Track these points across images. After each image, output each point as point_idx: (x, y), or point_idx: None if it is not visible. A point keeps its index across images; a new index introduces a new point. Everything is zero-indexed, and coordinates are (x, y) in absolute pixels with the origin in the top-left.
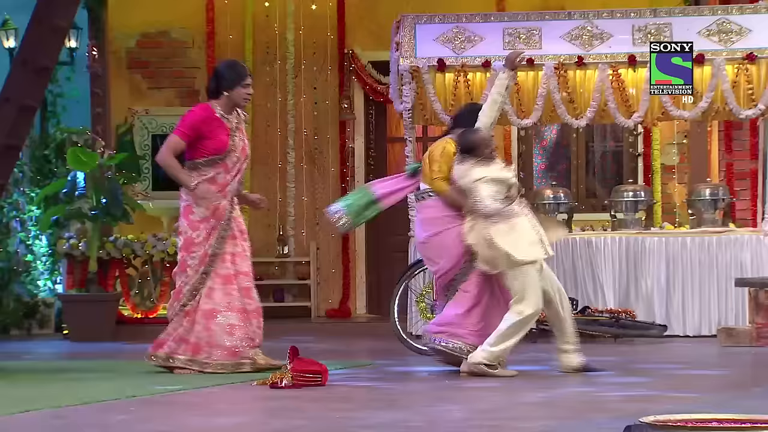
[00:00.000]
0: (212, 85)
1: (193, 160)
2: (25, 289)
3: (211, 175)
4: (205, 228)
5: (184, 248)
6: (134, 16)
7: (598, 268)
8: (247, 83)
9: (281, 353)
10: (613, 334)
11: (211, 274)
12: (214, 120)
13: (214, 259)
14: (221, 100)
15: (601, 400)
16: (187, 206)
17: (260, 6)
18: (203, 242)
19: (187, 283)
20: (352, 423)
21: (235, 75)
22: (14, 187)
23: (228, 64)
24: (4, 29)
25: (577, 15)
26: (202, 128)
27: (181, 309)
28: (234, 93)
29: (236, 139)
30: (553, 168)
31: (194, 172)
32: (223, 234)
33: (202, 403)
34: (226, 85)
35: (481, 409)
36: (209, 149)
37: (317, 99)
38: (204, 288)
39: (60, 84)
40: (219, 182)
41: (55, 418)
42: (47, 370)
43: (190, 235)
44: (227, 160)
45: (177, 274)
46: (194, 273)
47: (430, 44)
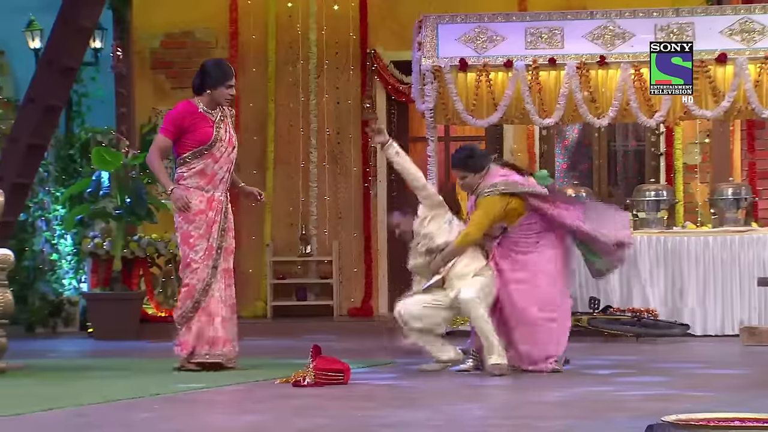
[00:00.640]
0: (197, 81)
1: (180, 155)
2: (50, 288)
3: (200, 167)
4: (201, 220)
5: (183, 242)
6: (158, 16)
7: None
8: (231, 84)
9: (304, 352)
10: (635, 334)
11: (219, 269)
12: (197, 114)
13: (219, 252)
14: (204, 96)
15: (620, 399)
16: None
17: (283, 6)
18: (205, 235)
19: (200, 280)
20: (374, 421)
21: (220, 74)
22: (39, 186)
23: (215, 63)
24: (29, 30)
25: (599, 14)
26: (185, 122)
27: (194, 306)
28: (216, 92)
29: (221, 131)
30: (575, 167)
31: (183, 167)
32: (224, 226)
33: (225, 402)
34: (210, 83)
35: (501, 407)
36: (194, 141)
37: (339, 99)
38: (215, 282)
39: (85, 84)
40: (208, 174)
41: (78, 417)
42: (71, 368)
43: (186, 229)
44: (214, 151)
45: (182, 270)
46: (204, 268)
47: (452, 44)
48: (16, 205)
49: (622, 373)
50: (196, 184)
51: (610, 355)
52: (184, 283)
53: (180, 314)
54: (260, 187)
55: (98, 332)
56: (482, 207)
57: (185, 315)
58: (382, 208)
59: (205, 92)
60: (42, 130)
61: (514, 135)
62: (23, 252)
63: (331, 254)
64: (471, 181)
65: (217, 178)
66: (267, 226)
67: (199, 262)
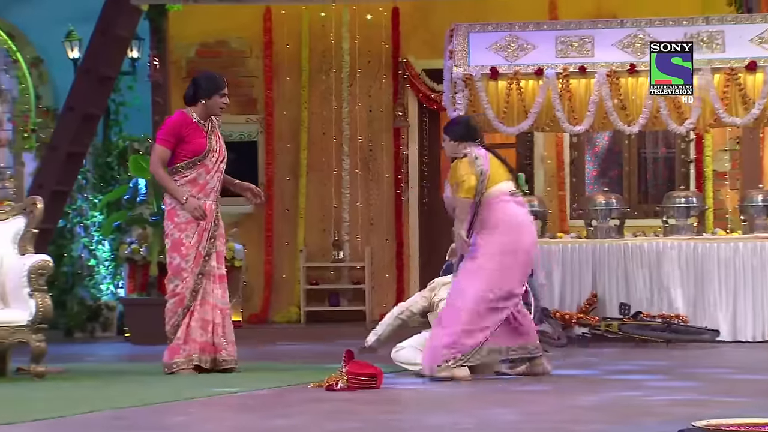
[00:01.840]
0: (189, 92)
1: (173, 165)
2: (88, 293)
3: (192, 176)
4: (192, 229)
5: (172, 249)
6: (194, 26)
7: (649, 273)
8: (224, 93)
9: (337, 357)
10: (665, 339)
11: (207, 274)
12: (191, 124)
13: (207, 259)
14: (197, 107)
15: (650, 404)
16: (171, 209)
17: (316, 16)
18: (195, 244)
19: (187, 287)
20: (406, 425)
21: (212, 85)
22: (78, 193)
23: (206, 75)
24: (68, 40)
25: (630, 23)
26: (182, 132)
27: (184, 312)
28: (210, 102)
29: (213, 141)
30: (605, 174)
31: (175, 176)
32: (213, 233)
33: (258, 405)
34: (204, 94)
35: (532, 411)
36: (188, 152)
37: (372, 107)
38: (201, 287)
39: (122, 93)
40: (200, 183)
41: (115, 419)
42: (109, 371)
43: (178, 237)
44: (206, 161)
45: (170, 279)
46: (191, 275)
47: (484, 52)
48: (56, 211)
49: (652, 378)
50: (187, 193)
51: (640, 360)
52: (173, 292)
53: (173, 323)
54: (293, 193)
55: (135, 337)
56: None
57: (177, 323)
58: (413, 214)
59: (199, 102)
60: (81, 138)
61: (545, 142)
62: (62, 258)
63: (363, 260)
64: (447, 146)
65: (208, 187)
66: (300, 232)
67: (188, 270)
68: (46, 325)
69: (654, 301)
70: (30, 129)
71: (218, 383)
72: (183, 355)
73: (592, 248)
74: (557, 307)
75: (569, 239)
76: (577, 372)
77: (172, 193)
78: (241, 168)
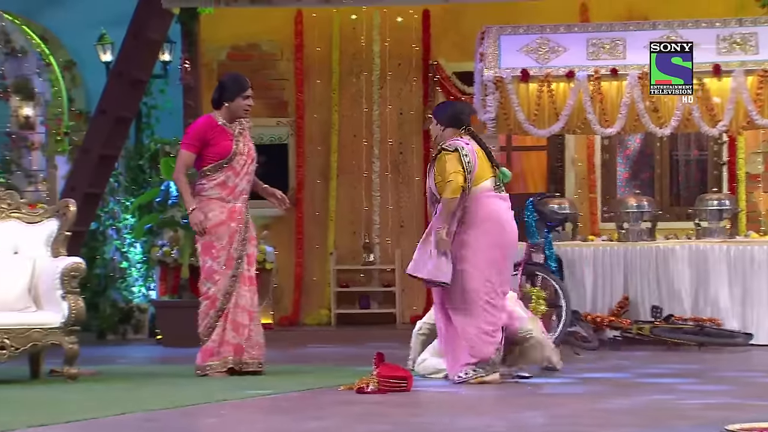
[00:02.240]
0: (215, 95)
1: (201, 168)
2: (120, 295)
3: (221, 180)
4: (224, 231)
5: (204, 253)
6: (225, 29)
7: (682, 276)
8: (248, 95)
9: (367, 359)
10: (697, 342)
11: (239, 276)
12: (216, 127)
13: (240, 261)
14: (222, 110)
15: (682, 407)
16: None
17: (347, 18)
18: (226, 246)
19: (220, 289)
20: (436, 428)
21: (236, 87)
22: (110, 196)
23: (231, 77)
24: (101, 43)
25: (662, 25)
26: (207, 136)
27: (218, 314)
28: (234, 104)
29: (240, 144)
30: (637, 176)
31: (203, 179)
32: (245, 236)
33: (290, 408)
34: (227, 96)
35: (562, 415)
36: (214, 155)
37: (402, 109)
38: (235, 290)
39: (154, 96)
40: (229, 185)
41: (147, 421)
42: (141, 374)
43: (209, 240)
44: (234, 164)
45: (202, 282)
46: (224, 278)
47: (514, 55)
48: (88, 214)
49: (684, 381)
50: (217, 195)
51: (672, 363)
52: (206, 294)
53: (205, 325)
54: (324, 196)
55: (167, 339)
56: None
57: (210, 325)
58: None
59: (223, 106)
60: (113, 140)
61: (576, 144)
62: (94, 260)
63: (393, 262)
64: (433, 129)
65: (237, 189)
66: (330, 235)
67: (220, 272)
68: (79, 328)
69: (686, 304)
70: (63, 132)
71: (250, 385)
72: (217, 358)
73: (624, 251)
74: (589, 310)
75: (600, 242)
76: (608, 375)
77: (183, 200)
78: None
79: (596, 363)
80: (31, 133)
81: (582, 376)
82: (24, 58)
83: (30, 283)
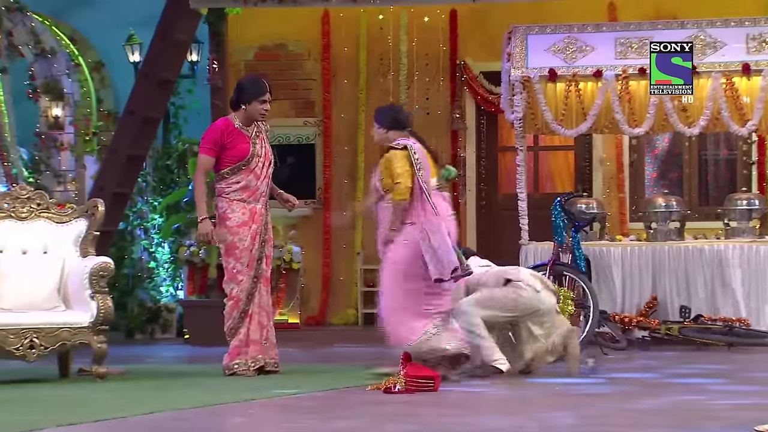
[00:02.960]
0: (234, 97)
1: (219, 171)
2: (148, 295)
3: (240, 181)
4: (246, 232)
5: (227, 254)
6: (252, 30)
7: (710, 276)
8: (265, 99)
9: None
10: (726, 343)
11: (260, 277)
12: (234, 131)
13: (260, 262)
14: (240, 112)
15: (711, 408)
16: (223, 213)
17: (374, 18)
18: (249, 247)
19: (243, 290)
20: (464, 428)
21: (255, 90)
22: (138, 196)
23: (250, 80)
24: (129, 44)
25: (690, 24)
26: (224, 139)
27: (242, 315)
28: (251, 107)
29: (257, 146)
30: (665, 176)
31: (222, 182)
32: (264, 237)
33: (317, 407)
34: (245, 99)
35: (592, 415)
36: (232, 158)
37: (429, 109)
38: (257, 291)
39: (182, 96)
40: (251, 188)
41: (176, 420)
42: (169, 373)
43: (232, 241)
44: (252, 166)
45: (227, 282)
46: (247, 278)
47: (542, 54)
48: (116, 214)
49: (714, 382)
50: (238, 197)
51: (701, 364)
52: (231, 295)
53: (229, 325)
54: (350, 195)
55: (194, 338)
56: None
57: (234, 326)
58: (471, 216)
59: (241, 108)
60: (141, 141)
61: (603, 144)
62: (123, 260)
63: None
64: (376, 134)
65: (258, 192)
66: (358, 235)
67: (244, 273)
68: (107, 327)
69: (715, 304)
70: (91, 132)
71: (277, 385)
72: (245, 357)
73: (652, 251)
74: (617, 310)
75: (629, 242)
76: (637, 375)
77: (197, 206)
78: (299, 171)
79: (625, 363)
80: (60, 134)
81: (611, 377)
82: (53, 59)
83: (59, 282)
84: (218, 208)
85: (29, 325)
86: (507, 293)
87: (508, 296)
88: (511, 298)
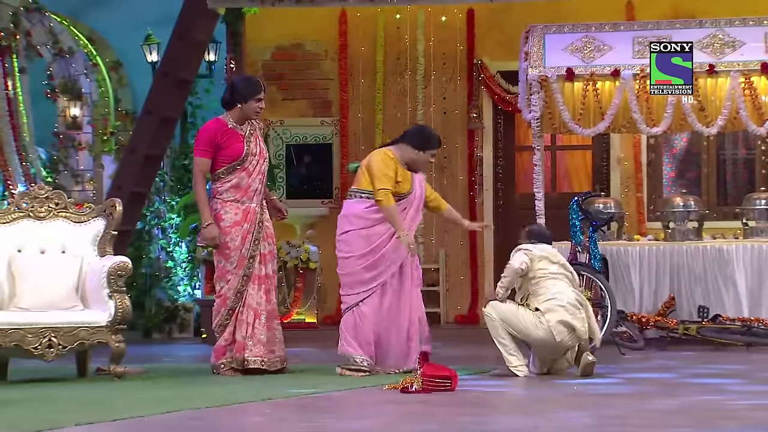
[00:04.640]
0: (226, 96)
1: (214, 171)
2: (166, 295)
3: (235, 181)
4: (237, 232)
5: (218, 253)
6: (270, 29)
7: (729, 276)
8: (260, 97)
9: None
10: (745, 343)
11: (250, 276)
12: (227, 130)
13: (252, 261)
14: (234, 111)
15: (730, 408)
16: (217, 214)
17: (391, 18)
18: (239, 246)
19: (231, 288)
20: (481, 428)
21: (251, 89)
22: (156, 195)
23: (244, 79)
24: (147, 44)
25: (708, 23)
26: (218, 139)
27: (229, 313)
28: (247, 106)
29: (251, 145)
30: (683, 176)
31: (217, 182)
32: (257, 236)
33: (335, 407)
34: (241, 98)
35: (609, 415)
36: (227, 157)
37: (446, 108)
38: (246, 289)
39: (199, 96)
40: (242, 186)
41: (193, 419)
42: (187, 372)
43: (223, 240)
44: (246, 165)
45: (216, 280)
46: (235, 277)
47: (559, 54)
48: (134, 213)
49: (732, 382)
50: (232, 198)
51: (720, 364)
52: (219, 293)
53: (217, 322)
54: None
55: (212, 338)
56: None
57: (222, 323)
58: (488, 216)
59: (236, 107)
60: (158, 140)
61: (621, 144)
62: (140, 259)
63: (437, 262)
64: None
65: (251, 190)
66: None
67: (232, 272)
68: (125, 326)
69: (733, 304)
70: (109, 132)
71: (294, 384)
72: (229, 356)
73: (670, 250)
74: (635, 309)
75: (647, 241)
76: (655, 375)
77: (200, 212)
78: (316, 170)
79: (642, 363)
80: (78, 133)
81: (629, 376)
82: (71, 59)
83: (77, 282)
84: (212, 209)
85: (47, 324)
86: (527, 321)
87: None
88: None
